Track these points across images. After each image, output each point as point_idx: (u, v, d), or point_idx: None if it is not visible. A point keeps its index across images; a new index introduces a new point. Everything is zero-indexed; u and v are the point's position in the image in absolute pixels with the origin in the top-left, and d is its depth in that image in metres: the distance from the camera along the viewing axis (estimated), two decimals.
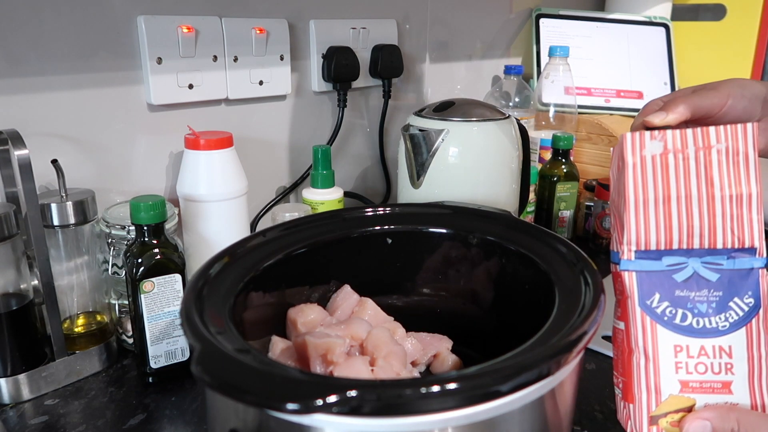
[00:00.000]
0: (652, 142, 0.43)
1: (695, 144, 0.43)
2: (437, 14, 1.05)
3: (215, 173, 0.68)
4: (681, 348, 0.43)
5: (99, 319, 0.65)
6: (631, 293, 0.44)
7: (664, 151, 0.43)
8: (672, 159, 0.43)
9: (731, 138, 0.43)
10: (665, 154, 0.43)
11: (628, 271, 0.44)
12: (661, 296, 0.43)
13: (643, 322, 0.43)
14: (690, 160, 0.43)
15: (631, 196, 0.43)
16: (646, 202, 0.43)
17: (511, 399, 0.33)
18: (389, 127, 1.01)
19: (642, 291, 0.44)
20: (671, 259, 0.44)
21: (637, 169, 0.43)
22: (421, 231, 0.55)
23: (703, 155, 0.43)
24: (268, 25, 0.79)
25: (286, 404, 0.30)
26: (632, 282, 0.44)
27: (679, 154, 0.43)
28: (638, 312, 0.43)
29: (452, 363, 0.52)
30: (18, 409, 0.56)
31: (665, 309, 0.43)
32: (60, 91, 0.65)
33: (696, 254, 0.43)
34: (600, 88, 1.17)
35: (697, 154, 0.43)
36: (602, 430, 0.54)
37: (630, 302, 0.44)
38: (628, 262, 0.44)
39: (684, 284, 0.43)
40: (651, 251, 0.44)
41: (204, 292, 0.41)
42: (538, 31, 1.19)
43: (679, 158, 0.43)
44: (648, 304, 0.43)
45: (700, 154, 0.43)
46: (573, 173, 0.92)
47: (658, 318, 0.43)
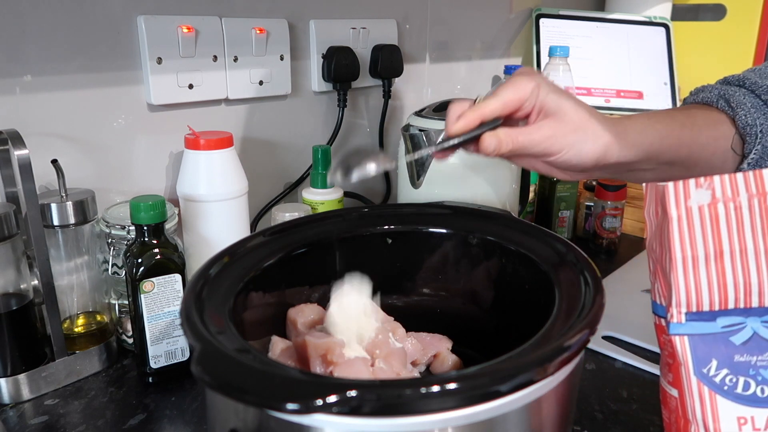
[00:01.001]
0: (698, 191, 0.38)
1: (747, 190, 0.38)
2: (437, 14, 1.05)
3: (215, 173, 0.68)
4: (745, 420, 0.39)
5: (99, 319, 0.65)
6: (684, 360, 0.40)
7: (712, 200, 0.38)
8: (722, 209, 0.38)
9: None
10: (714, 203, 0.38)
11: (680, 336, 0.40)
12: (719, 363, 0.39)
13: (701, 393, 0.39)
14: (743, 209, 0.38)
15: (678, 254, 0.39)
16: (695, 260, 0.39)
17: (510, 399, 0.33)
18: (389, 127, 1.01)
19: (697, 357, 0.39)
20: (727, 320, 0.39)
21: (683, 223, 0.38)
22: (421, 231, 0.55)
23: (757, 203, 0.38)
24: (268, 25, 0.79)
25: (286, 404, 0.30)
26: (685, 347, 0.40)
27: (730, 203, 0.38)
28: (694, 381, 0.39)
29: (452, 363, 0.52)
30: (18, 409, 0.56)
31: (725, 377, 0.39)
32: (60, 91, 0.65)
33: (755, 313, 0.39)
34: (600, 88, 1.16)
35: (751, 201, 0.38)
36: (602, 430, 0.54)
37: (684, 370, 0.40)
38: (678, 325, 0.40)
39: (743, 347, 0.39)
40: (704, 312, 0.39)
41: (204, 292, 0.41)
42: (538, 31, 1.19)
43: (730, 207, 0.38)
44: (705, 373, 0.39)
45: (754, 202, 0.38)
46: None
47: (717, 388, 0.39)
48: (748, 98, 0.57)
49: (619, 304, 0.75)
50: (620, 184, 0.93)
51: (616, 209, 0.93)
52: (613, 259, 0.93)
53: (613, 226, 0.94)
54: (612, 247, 0.95)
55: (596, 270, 0.44)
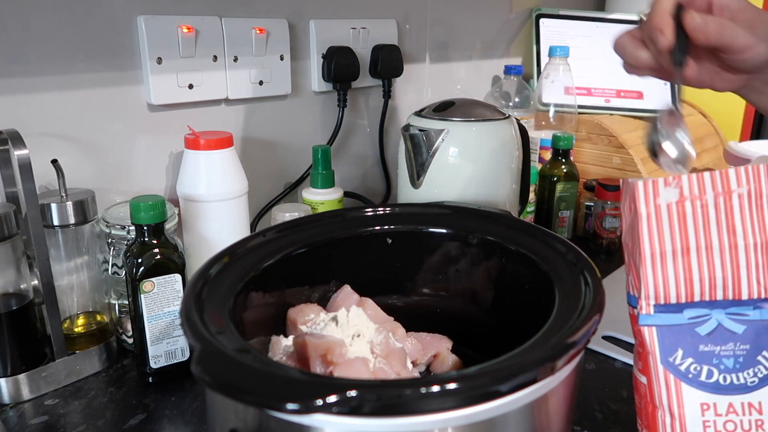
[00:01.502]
0: (666, 189, 0.40)
1: (714, 189, 0.40)
2: (437, 14, 1.05)
3: (215, 173, 0.68)
4: (708, 406, 0.41)
5: (99, 319, 0.65)
6: (652, 350, 0.42)
7: (680, 198, 0.40)
8: (689, 207, 0.40)
9: (753, 180, 0.40)
10: (681, 201, 0.40)
11: (648, 327, 0.42)
12: (684, 352, 0.41)
13: (667, 380, 0.41)
14: (709, 207, 0.40)
15: (647, 249, 0.41)
16: (663, 255, 0.40)
17: (510, 399, 0.33)
18: (389, 127, 1.01)
19: (664, 347, 0.41)
20: (693, 312, 0.41)
21: (652, 220, 0.40)
22: (421, 231, 0.55)
23: (723, 201, 0.40)
24: (268, 25, 0.79)
25: (286, 404, 0.30)
26: (653, 338, 0.42)
27: (697, 201, 0.40)
28: (661, 370, 0.41)
29: (452, 363, 0.52)
30: (18, 409, 0.56)
31: (689, 366, 0.41)
32: (60, 91, 0.65)
33: (720, 306, 0.41)
34: (600, 88, 1.16)
35: (717, 200, 0.40)
36: (602, 430, 0.54)
37: (651, 359, 0.42)
38: (647, 317, 0.42)
39: (708, 338, 0.41)
40: (671, 305, 0.41)
41: (204, 292, 0.41)
42: (538, 31, 1.19)
43: (697, 206, 0.40)
44: (671, 362, 0.41)
45: (720, 200, 0.40)
46: (573, 173, 0.92)
47: (682, 376, 0.41)
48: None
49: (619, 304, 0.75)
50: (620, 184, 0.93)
51: (616, 209, 0.93)
52: (613, 259, 0.93)
53: (613, 226, 0.94)
54: (612, 247, 0.95)
55: (596, 270, 0.44)
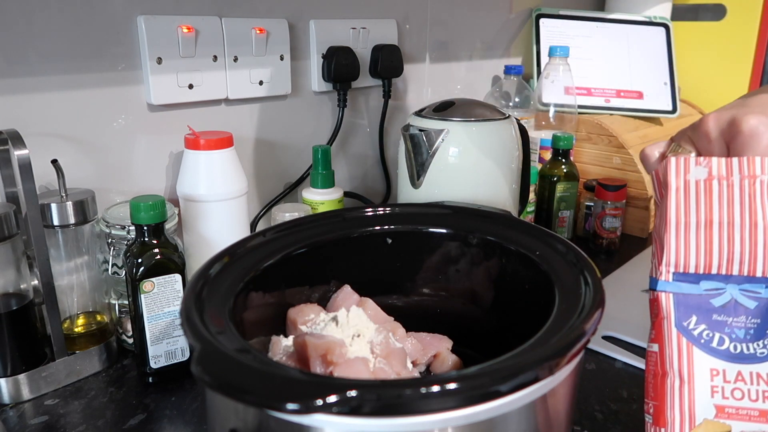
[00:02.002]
0: (697, 168, 0.43)
1: (740, 172, 0.42)
2: (437, 14, 1.05)
3: (215, 173, 0.68)
4: (717, 372, 0.42)
5: (99, 319, 0.65)
6: (667, 314, 0.43)
7: (708, 177, 0.43)
8: (716, 185, 0.42)
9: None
10: (709, 180, 0.43)
11: (666, 293, 0.43)
12: (698, 318, 0.43)
13: (679, 344, 0.43)
14: (734, 188, 0.42)
15: (673, 219, 0.43)
16: (687, 225, 0.43)
17: (510, 399, 0.33)
18: (389, 127, 1.01)
19: (679, 312, 0.43)
20: (709, 284, 0.43)
21: (680, 193, 0.43)
22: (421, 231, 0.55)
23: (747, 184, 0.42)
24: (268, 25, 0.79)
25: (286, 404, 0.30)
26: (669, 303, 0.43)
27: (724, 181, 0.42)
28: (674, 333, 0.43)
29: (452, 363, 0.52)
30: (18, 409, 0.56)
31: (702, 332, 0.43)
32: (60, 91, 0.65)
33: (734, 281, 0.43)
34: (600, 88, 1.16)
35: (742, 182, 0.42)
36: (602, 430, 0.54)
37: (666, 323, 0.43)
38: (665, 283, 0.43)
39: (722, 309, 0.43)
40: (689, 274, 0.43)
41: (204, 292, 0.41)
42: (538, 31, 1.19)
43: (723, 185, 0.42)
44: (685, 326, 0.43)
45: (745, 183, 0.42)
46: (573, 173, 0.92)
47: (694, 340, 0.42)
48: None
49: (619, 304, 0.75)
50: (620, 184, 0.93)
51: (616, 209, 0.93)
52: (613, 259, 0.93)
53: (613, 226, 0.94)
54: (612, 247, 0.95)
55: (596, 270, 0.44)
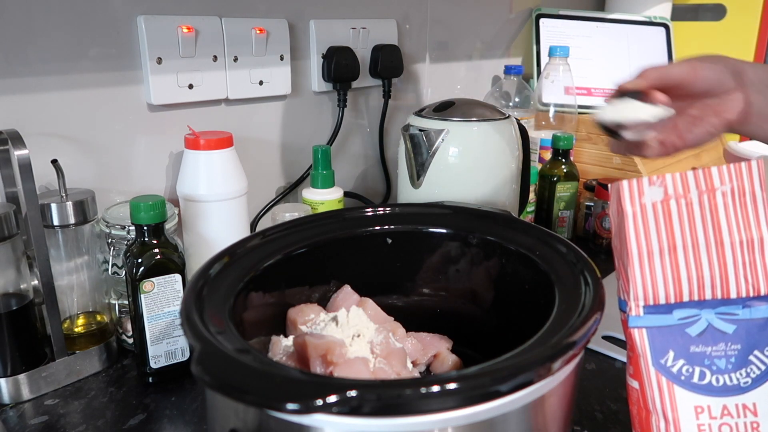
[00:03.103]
0: (651, 188, 0.40)
1: (697, 187, 0.40)
2: (437, 14, 1.05)
3: (215, 173, 0.68)
4: (702, 409, 0.40)
5: (99, 319, 0.65)
6: (643, 352, 0.41)
7: (664, 197, 0.40)
8: (674, 205, 0.40)
9: (736, 178, 0.40)
10: (666, 200, 0.40)
11: (638, 328, 0.41)
12: (675, 354, 0.41)
13: (659, 383, 0.41)
14: (693, 205, 0.40)
15: (634, 248, 0.41)
16: (650, 254, 0.41)
17: (510, 399, 0.33)
18: (389, 127, 1.01)
19: (655, 349, 0.41)
20: (683, 312, 0.41)
21: (638, 219, 0.40)
22: (421, 231, 0.55)
23: (707, 199, 0.40)
24: (268, 25, 0.79)
25: (286, 404, 0.30)
26: (643, 340, 0.41)
27: (681, 199, 0.40)
28: (653, 372, 0.41)
29: (452, 363, 0.52)
30: (18, 409, 0.56)
31: (681, 367, 0.41)
32: (60, 91, 0.65)
33: (709, 305, 0.41)
34: (600, 88, 1.16)
35: (701, 198, 0.40)
36: (602, 430, 0.54)
37: (643, 362, 0.41)
38: (636, 318, 0.41)
39: (699, 338, 0.41)
40: (660, 306, 0.41)
41: (204, 292, 0.41)
42: (538, 31, 1.19)
43: (682, 204, 0.40)
44: (662, 363, 0.41)
45: (704, 198, 0.40)
46: (573, 173, 0.92)
47: (674, 378, 0.41)
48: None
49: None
50: None
51: None
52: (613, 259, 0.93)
53: None
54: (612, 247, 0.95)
55: (596, 270, 0.44)
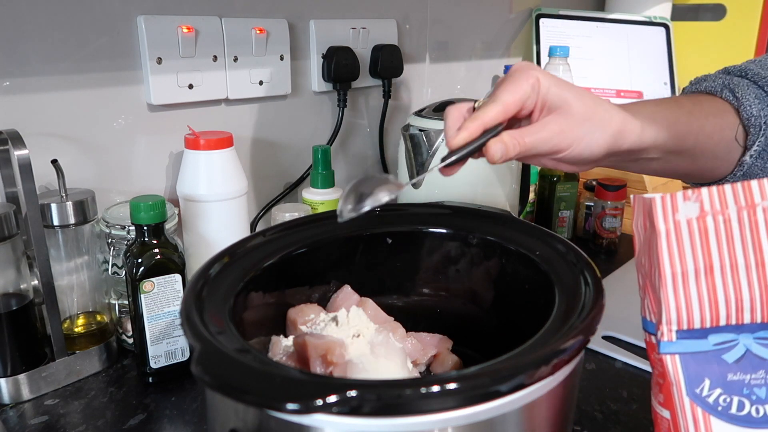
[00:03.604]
0: (686, 203, 0.37)
1: (736, 203, 0.37)
2: (437, 14, 1.05)
3: (215, 173, 0.68)
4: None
5: (99, 319, 0.65)
6: (676, 380, 0.38)
7: (700, 213, 0.37)
8: (711, 222, 0.37)
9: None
10: (702, 217, 0.37)
11: (671, 355, 0.38)
12: (711, 382, 0.38)
13: (694, 414, 0.38)
14: (732, 222, 0.37)
15: (668, 269, 0.37)
16: (685, 275, 0.37)
17: (510, 399, 0.33)
18: (389, 127, 1.01)
19: (689, 377, 0.38)
20: (719, 337, 0.38)
21: (671, 237, 0.37)
22: (421, 231, 0.55)
23: (746, 215, 0.37)
24: (268, 25, 0.79)
25: (286, 404, 0.30)
26: (676, 367, 0.38)
27: (719, 215, 0.37)
28: (687, 402, 0.38)
29: (452, 363, 0.52)
30: (18, 409, 0.56)
31: (718, 397, 0.38)
32: (60, 91, 0.65)
33: (747, 330, 0.38)
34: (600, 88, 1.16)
35: (740, 214, 0.37)
36: (602, 430, 0.54)
37: (676, 390, 0.38)
38: (669, 344, 0.38)
39: (736, 365, 0.38)
40: (695, 330, 0.38)
41: (204, 292, 0.41)
42: (538, 31, 1.19)
43: (719, 221, 0.37)
44: (698, 393, 0.38)
45: (743, 215, 0.37)
46: (573, 173, 0.92)
47: (710, 408, 0.38)
48: (752, 89, 0.57)
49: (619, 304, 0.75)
50: (620, 184, 0.93)
51: (616, 209, 0.93)
52: (613, 259, 0.93)
53: (613, 226, 0.94)
54: (612, 247, 0.95)
55: (596, 270, 0.44)
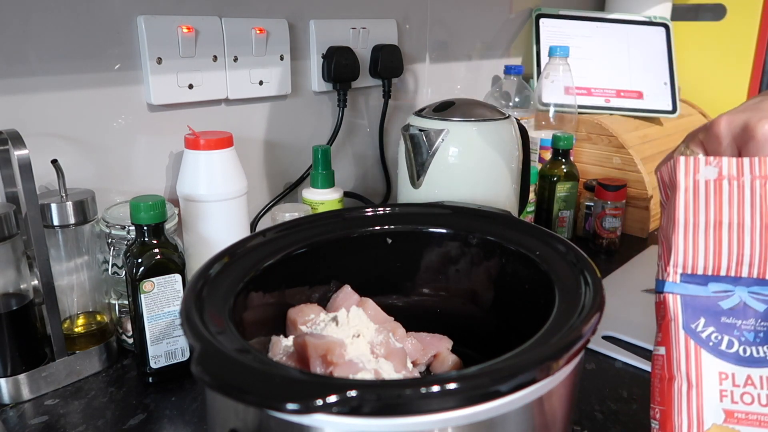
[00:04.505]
0: (707, 167, 0.42)
1: (752, 173, 0.41)
2: (437, 14, 1.05)
3: (215, 173, 0.68)
4: (726, 375, 0.41)
5: (99, 319, 0.65)
6: (674, 316, 0.42)
7: (718, 177, 0.42)
8: (726, 185, 0.42)
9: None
10: (719, 180, 0.42)
11: (673, 294, 0.43)
12: (706, 321, 0.42)
13: (687, 346, 0.42)
14: (745, 188, 0.41)
15: (681, 219, 0.42)
16: (696, 226, 0.42)
17: (510, 399, 0.33)
18: (389, 127, 1.01)
19: (686, 314, 0.42)
20: (718, 286, 0.42)
21: (689, 193, 0.42)
22: (421, 231, 0.55)
23: (759, 185, 0.41)
24: (268, 25, 0.79)
25: (286, 404, 0.30)
26: (677, 305, 0.42)
27: (734, 181, 0.42)
28: (682, 335, 0.42)
29: (452, 363, 0.52)
30: (18, 409, 0.56)
31: (711, 334, 0.42)
32: (60, 91, 0.65)
33: (744, 283, 0.42)
34: (600, 88, 1.16)
35: (753, 183, 0.41)
36: (602, 430, 0.54)
37: (673, 325, 0.42)
38: (673, 284, 0.43)
39: (730, 312, 0.42)
40: (697, 275, 0.42)
41: (204, 292, 0.41)
42: (538, 31, 1.19)
43: (734, 185, 0.42)
44: (692, 328, 0.42)
45: (756, 183, 0.41)
46: (573, 173, 0.92)
47: (702, 342, 0.42)
48: None
49: (619, 304, 0.75)
50: (620, 184, 0.93)
51: (616, 209, 0.93)
52: (613, 259, 0.93)
53: (613, 226, 0.94)
54: (612, 247, 0.95)
55: (596, 270, 0.44)
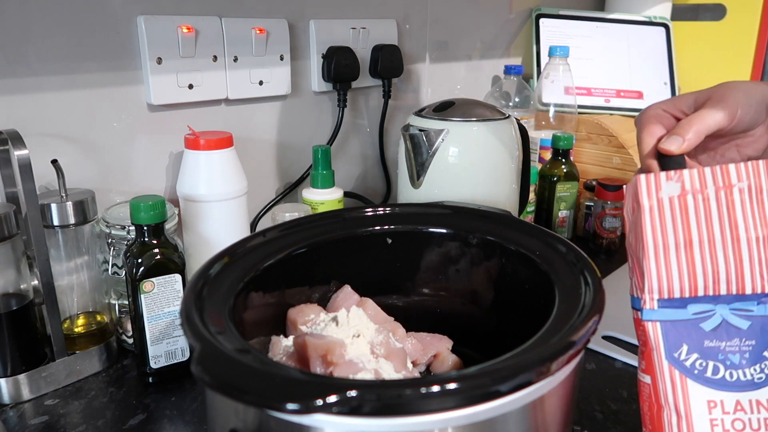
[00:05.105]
0: (668, 183, 0.41)
1: (715, 183, 0.40)
2: (437, 14, 1.05)
3: (215, 173, 0.68)
4: (715, 403, 0.40)
5: (99, 319, 0.65)
6: (656, 345, 0.41)
7: (681, 192, 0.40)
8: (691, 200, 0.40)
9: (753, 175, 0.40)
10: (683, 195, 0.40)
11: (652, 322, 0.41)
12: (689, 348, 0.41)
13: (672, 377, 0.41)
14: (710, 201, 0.40)
15: (650, 242, 0.41)
16: (666, 247, 0.41)
17: (510, 399, 0.33)
18: (389, 127, 1.01)
19: (668, 342, 0.41)
20: (697, 307, 0.41)
21: (654, 213, 0.41)
22: (421, 231, 0.55)
23: (724, 195, 0.40)
24: (268, 25, 0.79)
25: (286, 404, 0.30)
26: (657, 333, 0.41)
27: (698, 195, 0.40)
28: (666, 365, 0.41)
29: (452, 363, 0.52)
30: (18, 409, 0.56)
31: (695, 361, 0.41)
32: (60, 91, 0.65)
33: (723, 300, 0.41)
34: (600, 88, 1.16)
35: (718, 194, 0.40)
36: (602, 430, 0.54)
37: (656, 355, 0.41)
38: (651, 311, 0.41)
39: (713, 333, 0.41)
40: (675, 299, 0.41)
41: (204, 292, 0.41)
42: (538, 31, 1.19)
43: (699, 199, 0.40)
44: (676, 357, 0.41)
45: (721, 194, 0.40)
46: (573, 173, 0.92)
47: (687, 372, 0.40)
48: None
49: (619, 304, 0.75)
50: (620, 184, 0.93)
51: (616, 209, 0.93)
52: (613, 259, 0.93)
53: (613, 226, 0.94)
54: (612, 247, 0.95)
55: (596, 270, 0.44)
